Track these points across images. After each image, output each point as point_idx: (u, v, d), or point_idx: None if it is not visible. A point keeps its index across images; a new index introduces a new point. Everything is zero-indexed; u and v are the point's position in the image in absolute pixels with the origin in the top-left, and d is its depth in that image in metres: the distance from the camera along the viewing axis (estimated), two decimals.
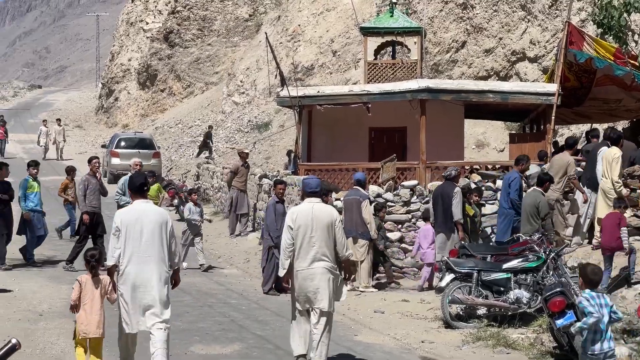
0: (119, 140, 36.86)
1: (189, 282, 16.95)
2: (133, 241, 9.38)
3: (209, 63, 54.89)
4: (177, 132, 48.56)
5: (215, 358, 10.87)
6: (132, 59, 61.08)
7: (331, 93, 22.64)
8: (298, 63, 42.56)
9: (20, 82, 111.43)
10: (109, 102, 62.35)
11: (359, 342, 12.09)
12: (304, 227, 10.36)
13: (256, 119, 43.42)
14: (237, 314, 13.91)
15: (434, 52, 34.23)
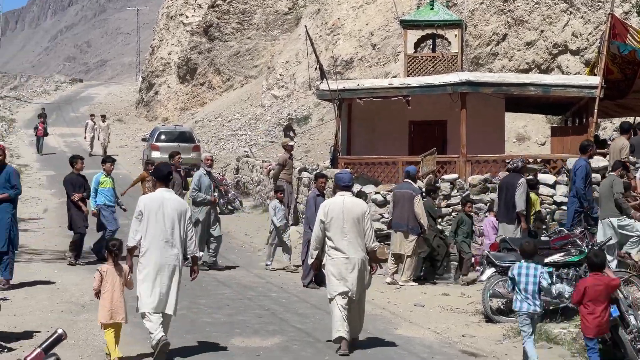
0: (159, 133, 37.01)
1: (229, 275, 17.05)
2: (154, 226, 10.13)
3: (249, 56, 55.00)
4: (216, 125, 48.70)
5: (255, 350, 10.88)
6: (172, 53, 61.36)
7: (371, 86, 22.58)
8: (337, 56, 42.51)
9: (62, 76, 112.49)
10: (149, 96, 62.70)
11: (400, 336, 12.05)
12: (336, 219, 10.95)
13: (295, 113, 43.44)
14: (277, 307, 13.92)
15: (474, 45, 34.03)
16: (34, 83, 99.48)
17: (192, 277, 10.72)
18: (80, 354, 10.21)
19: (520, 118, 30.74)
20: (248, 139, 43.32)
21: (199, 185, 17.58)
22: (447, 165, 20.90)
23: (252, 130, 44.96)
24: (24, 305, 13.22)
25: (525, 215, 15.82)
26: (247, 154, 34.30)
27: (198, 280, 15.89)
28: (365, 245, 11.03)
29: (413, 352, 11.04)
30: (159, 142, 35.96)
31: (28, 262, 17.50)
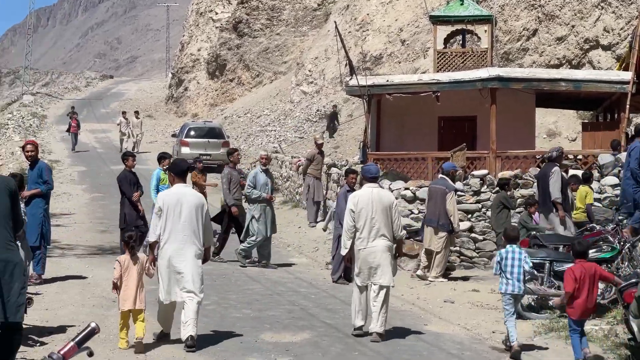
0: (188, 129, 37.18)
1: (258, 270, 17.08)
2: (173, 220, 10.50)
3: (278, 53, 55.07)
4: (245, 121, 48.81)
5: (285, 346, 10.89)
6: (202, 49, 61.56)
7: (400, 82, 22.58)
8: (366, 52, 42.48)
9: (92, 72, 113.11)
10: (178, 92, 62.95)
11: (429, 332, 12.02)
12: (365, 209, 11.42)
13: (325, 109, 43.43)
14: (307, 302, 13.94)
15: (504, 41, 33.87)
16: (65, 79, 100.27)
17: (201, 262, 11.00)
18: (112, 349, 10.27)
19: (550, 114, 30.56)
20: (277, 135, 43.38)
21: (254, 182, 17.48)
22: (477, 161, 20.84)
23: (281, 126, 45.01)
24: (56, 299, 13.33)
25: (561, 204, 15.61)
26: (276, 150, 34.33)
27: (228, 276, 16.05)
28: (393, 234, 11.52)
29: (443, 348, 11.02)
30: (188, 138, 36.14)
31: (60, 257, 17.63)
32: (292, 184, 27.40)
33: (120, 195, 17.58)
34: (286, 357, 10.32)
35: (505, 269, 10.86)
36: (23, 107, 63.78)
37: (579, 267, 10.17)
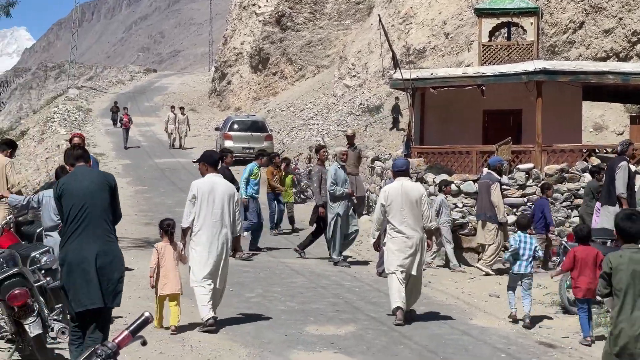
0: (232, 123, 37.29)
1: (302, 263, 17.11)
2: (206, 208, 11.09)
3: (321, 46, 55.06)
4: (288, 115, 48.87)
5: (329, 338, 10.90)
6: (245, 43, 61.71)
7: (445, 75, 22.45)
8: (410, 46, 42.33)
9: (136, 66, 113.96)
10: (221, 86, 63.17)
11: (474, 326, 11.97)
12: (395, 202, 12.02)
13: (367, 102, 43.36)
14: (351, 296, 13.93)
15: (550, 33, 33.57)
16: (109, 73, 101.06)
17: (232, 254, 11.75)
18: (158, 340, 10.35)
19: (597, 107, 30.25)
20: (320, 129, 43.37)
21: (335, 179, 17.13)
22: (522, 154, 20.69)
23: (324, 119, 45.00)
24: None
25: (626, 199, 15.40)
26: (319, 143, 34.34)
27: (272, 269, 16.09)
28: (423, 225, 12.11)
29: (488, 343, 10.96)
30: (232, 131, 36.25)
31: None
32: None
33: None
34: (330, 350, 10.33)
35: (520, 251, 12.26)
36: (68, 101, 64.40)
37: (580, 250, 11.15)
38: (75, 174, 8.83)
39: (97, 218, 8.47)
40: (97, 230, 8.45)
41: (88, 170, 8.94)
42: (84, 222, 8.41)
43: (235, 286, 14.24)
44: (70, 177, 8.84)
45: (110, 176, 8.90)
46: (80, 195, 8.48)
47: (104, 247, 8.42)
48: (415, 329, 11.60)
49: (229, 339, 10.66)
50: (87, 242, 8.35)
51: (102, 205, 8.54)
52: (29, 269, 9.43)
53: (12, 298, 8.67)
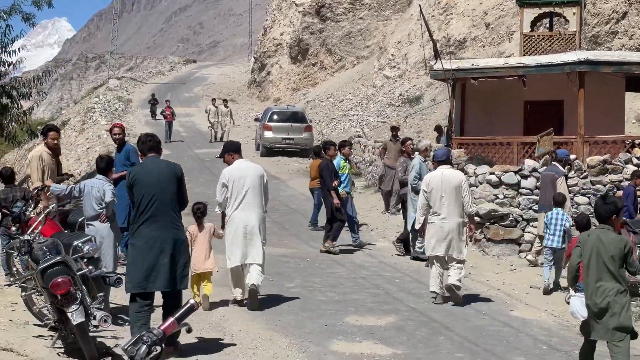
0: (271, 113, 37.24)
1: (342, 254, 17.08)
2: (238, 192, 11.70)
3: (360, 37, 54.91)
4: (328, 106, 48.82)
5: (369, 329, 10.89)
6: (284, 33, 61.71)
7: (486, 66, 22.29)
8: (450, 36, 42.08)
9: (176, 57, 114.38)
10: (261, 76, 63.26)
11: (515, 318, 11.90)
12: (436, 189, 12.71)
13: (407, 93, 43.20)
14: (391, 287, 13.90)
15: (592, 24, 33.21)
16: (149, 64, 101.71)
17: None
18: (199, 329, 10.38)
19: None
20: (359, 119, 43.28)
21: (419, 173, 17.00)
22: (564, 146, 20.46)
23: (363, 110, 44.89)
24: None
25: None
26: (358, 134, 34.27)
27: (311, 259, 16.10)
28: (463, 210, 12.70)
29: (530, 334, 10.89)
30: (271, 122, 36.23)
31: None
32: (375, 168, 27.31)
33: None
34: (371, 340, 10.32)
35: (550, 227, 13.54)
36: (109, 91, 64.84)
37: None
38: (146, 165, 9.64)
39: (165, 206, 9.31)
40: (165, 218, 9.29)
41: (158, 161, 9.66)
42: (153, 210, 9.26)
43: (275, 276, 14.26)
44: (141, 168, 9.67)
45: (177, 167, 9.66)
46: (149, 185, 9.33)
47: (172, 234, 9.27)
48: (456, 320, 11.56)
49: (269, 329, 10.69)
50: (155, 230, 9.22)
51: (170, 194, 9.37)
52: (72, 257, 9.50)
53: (55, 286, 8.75)
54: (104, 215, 11.24)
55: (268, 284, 13.59)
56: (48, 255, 9.16)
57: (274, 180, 27.81)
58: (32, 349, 9.26)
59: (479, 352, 9.96)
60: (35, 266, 9.23)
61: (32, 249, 9.49)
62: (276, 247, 17.67)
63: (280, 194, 22.36)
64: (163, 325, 3.98)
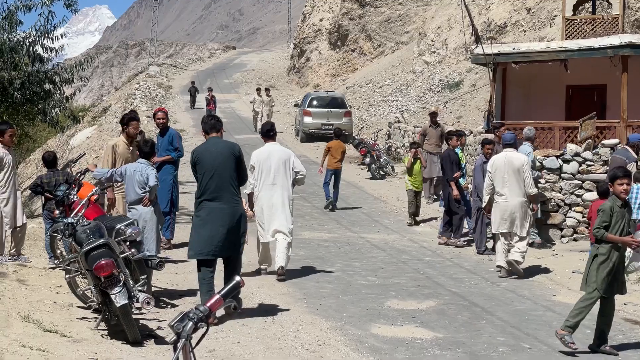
0: (311, 99, 37.27)
1: (382, 238, 17.08)
2: (265, 174, 12.50)
3: (400, 22, 54.67)
4: (367, 91, 48.72)
5: (411, 313, 10.87)
6: (324, 20, 61.60)
7: (527, 50, 22.09)
8: (491, 21, 41.75)
9: (215, 43, 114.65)
10: (300, 63, 63.24)
11: (558, 302, 11.82)
12: (500, 171, 13.69)
13: (447, 78, 42.98)
14: (432, 271, 13.88)
15: (635, 8, 32.77)
16: (188, 51, 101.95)
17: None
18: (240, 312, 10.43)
19: None
20: (399, 105, 43.13)
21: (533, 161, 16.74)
22: (607, 130, 20.28)
23: (403, 96, 44.73)
24: (185, 264, 13.62)
25: None
26: (398, 120, 34.17)
27: (352, 244, 16.11)
28: (525, 190, 13.58)
29: None
30: (311, 107, 36.27)
31: (187, 224, 17.93)
32: None
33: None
34: (412, 324, 10.31)
35: (632, 200, 13.24)
36: (149, 78, 65.20)
37: (598, 203, 12.31)
38: (208, 144, 10.47)
39: (224, 183, 10.22)
40: (225, 193, 10.22)
41: (218, 141, 10.48)
42: (214, 186, 10.19)
43: (316, 261, 14.30)
44: (203, 147, 10.52)
45: (236, 146, 10.54)
46: (210, 163, 10.23)
47: (230, 207, 10.20)
48: (497, 304, 11.51)
49: (311, 312, 10.71)
50: (216, 203, 10.18)
51: (229, 172, 10.25)
52: (114, 240, 9.58)
53: (98, 268, 8.83)
54: (147, 199, 11.30)
55: (309, 269, 13.63)
56: (91, 238, 9.24)
57: (313, 166, 27.83)
58: (76, 330, 9.36)
59: (521, 336, 9.92)
60: (79, 249, 9.32)
61: (75, 231, 9.57)
62: (317, 231, 17.72)
63: (320, 179, 22.38)
64: (209, 302, 3.99)
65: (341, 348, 9.18)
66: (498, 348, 9.36)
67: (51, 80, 20.35)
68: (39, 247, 14.44)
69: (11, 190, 12.86)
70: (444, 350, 9.20)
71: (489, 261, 14.85)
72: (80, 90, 25.21)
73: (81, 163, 21.92)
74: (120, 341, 9.03)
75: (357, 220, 19.51)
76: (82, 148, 39.30)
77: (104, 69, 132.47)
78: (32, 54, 20.04)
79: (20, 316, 9.38)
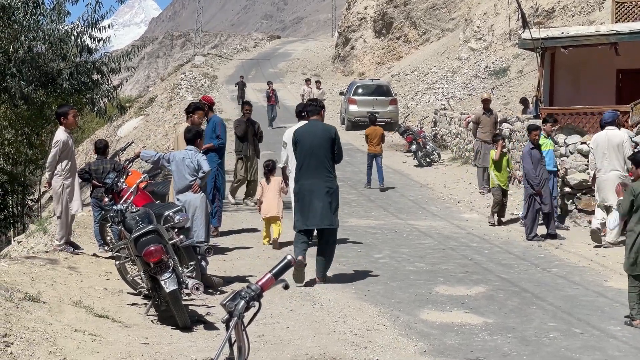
0: (356, 87, 37.20)
1: (429, 225, 17.00)
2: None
3: (445, 9, 54.33)
4: (413, 79, 48.53)
5: (460, 299, 10.80)
6: (368, 7, 61.43)
7: (576, 34, 21.84)
8: (538, 6, 41.33)
9: (260, 33, 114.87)
10: (345, 51, 63.13)
11: (610, 288, 11.66)
12: (600, 146, 14.67)
13: (494, 65, 42.65)
14: (480, 257, 13.77)
15: None
16: (233, 41, 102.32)
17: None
18: (288, 298, 10.46)
19: None
20: (445, 93, 42.91)
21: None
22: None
23: (449, 83, 44.49)
24: (233, 251, 13.68)
25: None
26: (444, 107, 33.97)
27: (399, 230, 16.06)
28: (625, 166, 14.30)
29: (626, 304, 10.62)
30: (356, 95, 36.20)
31: (234, 212, 18.02)
32: (462, 140, 27.07)
33: None
34: (461, 310, 10.24)
35: None
36: (195, 68, 65.50)
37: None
38: (308, 126, 11.73)
39: (319, 161, 11.35)
40: (320, 170, 11.35)
41: (317, 123, 11.63)
42: (310, 164, 11.36)
43: (364, 247, 14.28)
44: (303, 129, 11.79)
45: (332, 129, 11.60)
46: (308, 143, 11.41)
47: (325, 183, 11.31)
48: (548, 290, 11.39)
49: (359, 299, 10.69)
50: (313, 179, 11.34)
51: (324, 151, 11.35)
52: (163, 227, 9.62)
53: (148, 254, 8.87)
54: (197, 185, 11.30)
55: (356, 255, 13.61)
56: (141, 225, 9.29)
57: (359, 154, 27.79)
58: (126, 316, 9.43)
59: (572, 321, 9.80)
60: (128, 235, 9.38)
61: (125, 218, 9.64)
62: (363, 218, 17.68)
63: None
64: (261, 281, 3.98)
65: (390, 333, 9.14)
66: (549, 333, 9.26)
67: (99, 70, 20.54)
68: (88, 235, 14.58)
69: (73, 177, 12.69)
70: (494, 336, 9.12)
71: (538, 247, 14.71)
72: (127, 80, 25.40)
73: (128, 153, 22.04)
74: (170, 326, 9.09)
75: (404, 207, 19.43)
76: (129, 138, 39.63)
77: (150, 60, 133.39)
78: (80, 45, 20.23)
79: (72, 302, 9.47)
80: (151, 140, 39.24)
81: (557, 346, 8.82)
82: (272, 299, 10.20)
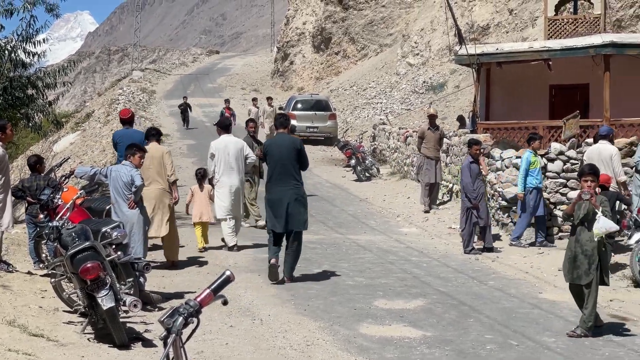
0: (295, 102, 37.26)
1: (368, 239, 17.08)
2: (223, 160, 14.92)
3: (383, 25, 54.75)
4: (351, 94, 48.79)
5: (399, 312, 10.87)
6: (307, 23, 61.63)
7: (510, 50, 22.19)
8: (473, 23, 41.90)
9: (199, 48, 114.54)
10: (284, 66, 63.24)
11: (544, 300, 11.85)
12: (592, 160, 14.33)
13: (431, 80, 43.10)
14: (419, 271, 13.88)
15: (616, 8, 32.96)
16: (171, 56, 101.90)
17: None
18: (228, 314, 10.42)
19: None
20: (383, 107, 43.23)
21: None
22: (590, 129, 20.37)
23: (387, 98, 44.83)
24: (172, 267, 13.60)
25: None
26: (383, 122, 34.20)
27: (338, 245, 16.11)
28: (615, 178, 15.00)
29: (560, 316, 10.84)
30: (295, 110, 36.25)
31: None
32: (400, 155, 27.28)
33: None
34: (400, 323, 10.31)
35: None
36: (132, 83, 65.03)
37: None
38: (276, 139, 13.09)
39: (287, 170, 12.59)
40: (287, 178, 12.58)
41: (284, 136, 12.90)
42: (278, 173, 12.59)
43: (304, 262, 14.25)
44: (272, 141, 13.27)
45: (297, 140, 12.94)
46: (276, 154, 12.64)
47: (291, 191, 12.53)
48: (485, 303, 11.53)
49: (299, 313, 10.70)
50: (281, 187, 12.56)
51: (291, 161, 12.59)
52: (100, 243, 9.53)
53: (84, 271, 8.78)
54: (132, 202, 11.25)
55: (296, 270, 13.60)
56: (77, 241, 9.19)
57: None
58: (62, 334, 9.31)
59: (509, 333, 9.93)
60: (64, 252, 9.27)
61: (61, 235, 9.52)
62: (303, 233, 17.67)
63: (307, 181, 22.22)
64: (199, 297, 3.98)
65: (330, 348, 9.18)
66: (486, 345, 9.38)
67: (34, 85, 20.25)
68: (23, 252, 14.36)
69: (6, 192, 12.45)
70: (432, 349, 9.21)
71: (475, 260, 14.89)
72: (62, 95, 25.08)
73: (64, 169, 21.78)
74: (107, 345, 8.99)
75: (343, 221, 19.52)
76: (65, 154, 39.15)
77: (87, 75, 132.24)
78: (14, 59, 19.93)
79: (5, 321, 9.32)
80: (88, 155, 38.83)
81: (494, 358, 8.94)
82: (211, 315, 10.16)
